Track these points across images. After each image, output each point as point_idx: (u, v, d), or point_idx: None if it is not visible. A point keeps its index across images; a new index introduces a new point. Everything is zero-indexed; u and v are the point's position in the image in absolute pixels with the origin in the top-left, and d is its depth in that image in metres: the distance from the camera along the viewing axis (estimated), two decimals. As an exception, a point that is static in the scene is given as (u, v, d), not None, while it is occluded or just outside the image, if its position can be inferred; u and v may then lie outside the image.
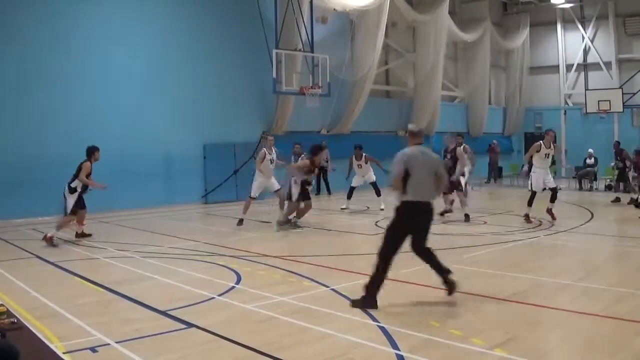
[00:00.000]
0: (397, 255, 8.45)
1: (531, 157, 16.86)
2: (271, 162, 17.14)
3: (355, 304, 8.33)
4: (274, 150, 17.48)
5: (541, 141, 16.67)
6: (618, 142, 24.88)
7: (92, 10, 20.60)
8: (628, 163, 22.57)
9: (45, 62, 19.53)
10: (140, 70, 21.84)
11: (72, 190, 14.98)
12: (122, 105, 21.28)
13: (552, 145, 16.59)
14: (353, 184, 20.41)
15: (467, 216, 17.31)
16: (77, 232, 15.46)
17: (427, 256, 8.65)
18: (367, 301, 8.26)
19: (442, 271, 8.62)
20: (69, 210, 14.83)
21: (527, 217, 16.66)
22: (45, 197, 19.12)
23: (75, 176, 14.99)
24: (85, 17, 20.44)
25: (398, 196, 8.45)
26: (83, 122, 20.16)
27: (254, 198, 17.23)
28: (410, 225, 8.53)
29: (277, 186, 17.27)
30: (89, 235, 15.50)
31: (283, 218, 16.53)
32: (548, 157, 16.64)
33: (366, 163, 20.19)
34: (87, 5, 20.51)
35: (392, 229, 8.51)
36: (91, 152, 15.30)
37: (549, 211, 16.73)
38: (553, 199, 16.73)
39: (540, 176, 16.69)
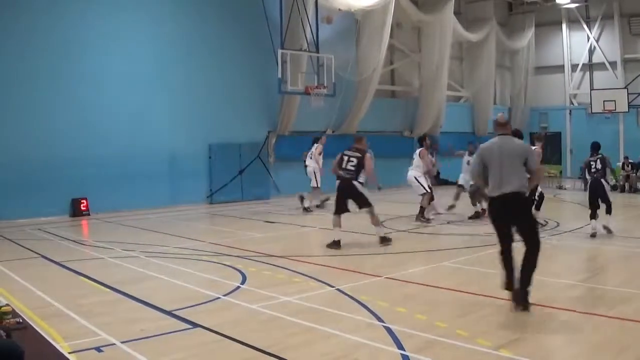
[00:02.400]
0: (510, 245, 8.32)
1: None
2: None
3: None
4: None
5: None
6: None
7: (97, 10, 20.60)
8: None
9: (50, 63, 19.55)
10: (145, 70, 21.84)
11: None
12: (128, 106, 21.29)
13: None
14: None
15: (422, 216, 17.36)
16: None
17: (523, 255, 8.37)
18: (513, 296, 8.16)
19: (519, 281, 8.24)
20: None
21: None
22: (50, 198, 19.29)
23: None
24: (89, 16, 20.43)
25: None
26: (89, 123, 20.21)
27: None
28: (497, 220, 8.35)
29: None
30: None
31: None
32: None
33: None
34: (91, 5, 20.53)
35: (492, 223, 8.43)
36: None
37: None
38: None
39: None
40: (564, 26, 37.40)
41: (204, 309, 8.43)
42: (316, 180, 20.17)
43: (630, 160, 27.82)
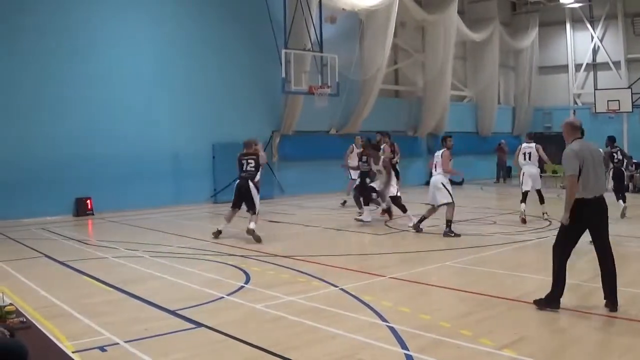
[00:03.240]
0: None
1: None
2: None
3: (538, 304, 8.20)
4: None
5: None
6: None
7: (101, 10, 20.64)
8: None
9: (55, 63, 19.59)
10: (149, 70, 21.87)
11: None
12: (132, 106, 21.34)
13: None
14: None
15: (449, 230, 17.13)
16: None
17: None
18: (548, 301, 8.16)
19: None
20: None
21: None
22: (54, 198, 19.31)
23: None
24: (93, 17, 20.48)
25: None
26: (92, 123, 20.24)
27: None
28: (581, 222, 8.18)
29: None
30: None
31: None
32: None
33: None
34: (96, 5, 20.57)
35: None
36: None
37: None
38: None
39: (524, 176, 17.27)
40: (567, 26, 37.42)
41: (207, 308, 8.44)
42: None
43: (634, 160, 27.74)
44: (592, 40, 36.50)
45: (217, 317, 7.93)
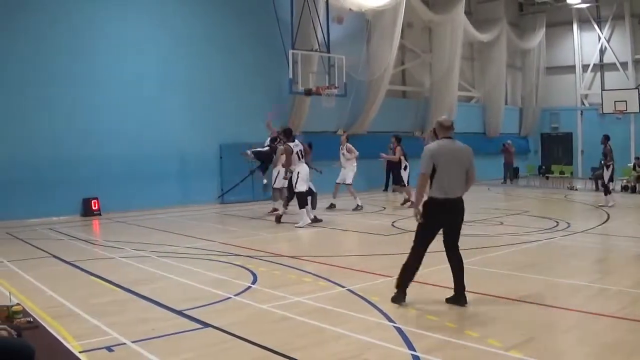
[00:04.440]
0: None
1: None
2: None
3: (392, 299, 8.48)
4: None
5: None
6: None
7: (106, 10, 20.66)
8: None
9: (60, 63, 19.61)
10: (155, 70, 21.89)
11: None
12: (138, 106, 21.35)
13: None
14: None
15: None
16: None
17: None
18: (396, 295, 8.46)
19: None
20: None
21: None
22: (61, 198, 19.35)
23: None
24: (98, 17, 20.50)
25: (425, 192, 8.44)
26: (98, 123, 20.28)
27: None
28: (435, 222, 8.44)
29: None
30: None
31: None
32: None
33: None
34: (101, 5, 20.60)
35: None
36: None
37: None
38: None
39: None
40: (574, 26, 37.36)
41: (214, 308, 8.44)
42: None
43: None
44: (599, 40, 36.43)
45: (224, 318, 7.93)
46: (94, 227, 18.20)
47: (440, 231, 8.51)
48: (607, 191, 21.00)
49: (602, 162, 21.66)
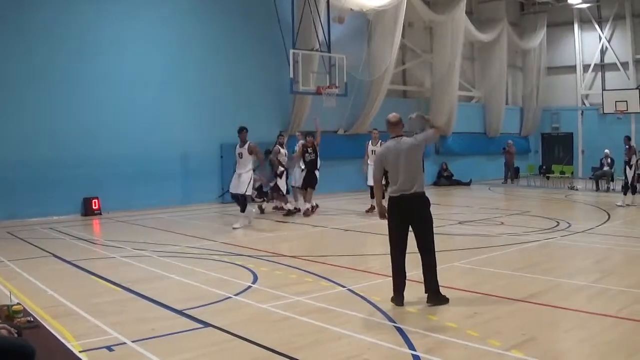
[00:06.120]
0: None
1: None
2: None
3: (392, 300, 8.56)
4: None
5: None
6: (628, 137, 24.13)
7: (109, 11, 20.66)
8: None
9: (62, 63, 19.63)
10: (157, 70, 21.90)
11: None
12: (140, 106, 21.36)
13: None
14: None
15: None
16: None
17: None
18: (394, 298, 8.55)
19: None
20: None
21: None
22: (62, 197, 19.35)
23: None
24: (102, 17, 20.50)
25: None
26: (100, 123, 20.27)
27: None
28: (395, 219, 8.66)
29: None
30: None
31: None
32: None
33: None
34: (104, 5, 20.59)
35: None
36: None
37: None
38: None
39: None
40: (575, 26, 37.28)
41: (215, 308, 8.45)
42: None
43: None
44: (600, 40, 36.37)
45: (224, 317, 7.94)
46: (94, 226, 18.20)
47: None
48: (634, 190, 21.08)
49: (626, 161, 21.63)
